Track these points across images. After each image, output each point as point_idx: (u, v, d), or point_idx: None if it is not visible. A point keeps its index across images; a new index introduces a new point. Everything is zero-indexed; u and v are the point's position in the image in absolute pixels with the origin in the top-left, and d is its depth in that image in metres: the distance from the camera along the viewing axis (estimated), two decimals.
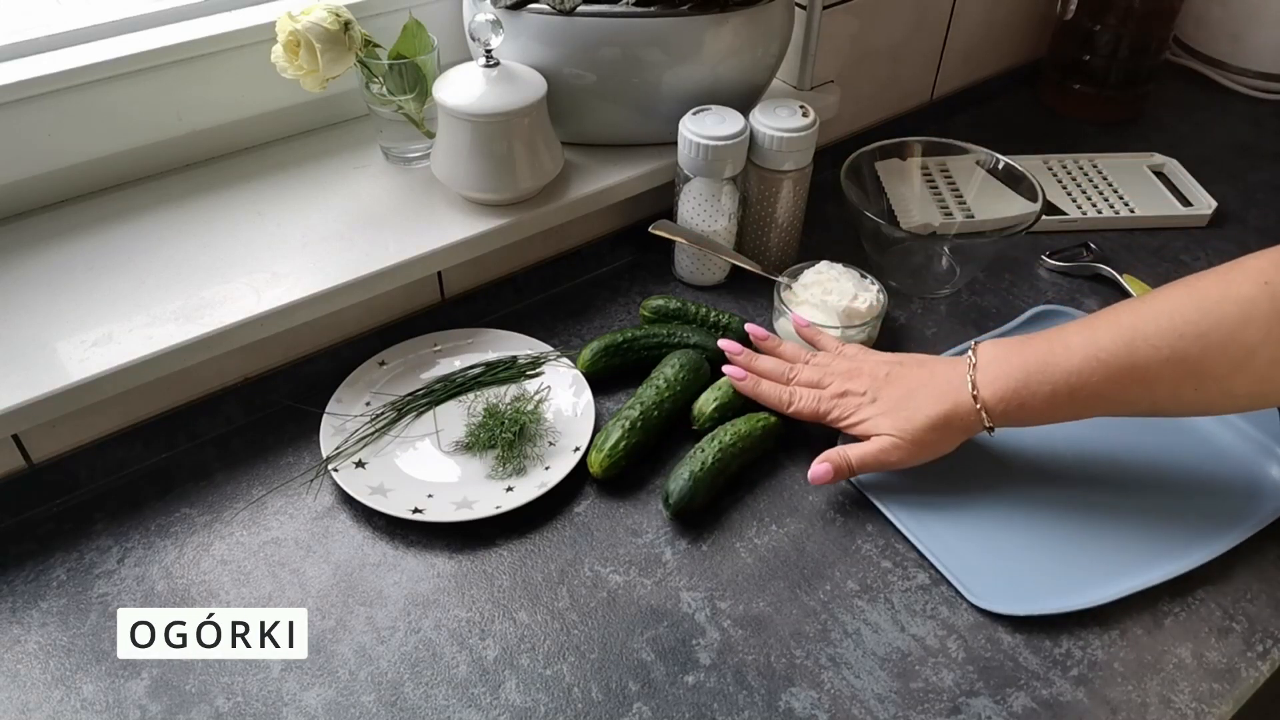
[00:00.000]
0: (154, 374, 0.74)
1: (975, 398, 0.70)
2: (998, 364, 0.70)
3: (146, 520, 0.75)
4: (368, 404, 0.82)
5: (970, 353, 0.73)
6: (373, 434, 0.79)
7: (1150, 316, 0.65)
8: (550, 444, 0.79)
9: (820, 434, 0.81)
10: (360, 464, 0.77)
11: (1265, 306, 0.61)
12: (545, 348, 0.87)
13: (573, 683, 0.65)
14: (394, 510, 0.73)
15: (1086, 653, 0.67)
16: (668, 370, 0.81)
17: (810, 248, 0.98)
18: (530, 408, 0.80)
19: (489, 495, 0.75)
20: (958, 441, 0.73)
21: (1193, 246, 1.04)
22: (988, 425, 0.71)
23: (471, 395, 0.83)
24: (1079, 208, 1.07)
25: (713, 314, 0.88)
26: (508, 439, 0.77)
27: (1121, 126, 1.24)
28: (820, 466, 0.73)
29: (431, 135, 0.90)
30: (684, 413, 0.81)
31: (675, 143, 0.89)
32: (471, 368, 0.85)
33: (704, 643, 0.67)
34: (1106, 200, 1.08)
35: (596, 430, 0.79)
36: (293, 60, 0.82)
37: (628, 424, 0.77)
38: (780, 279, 0.90)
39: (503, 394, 0.83)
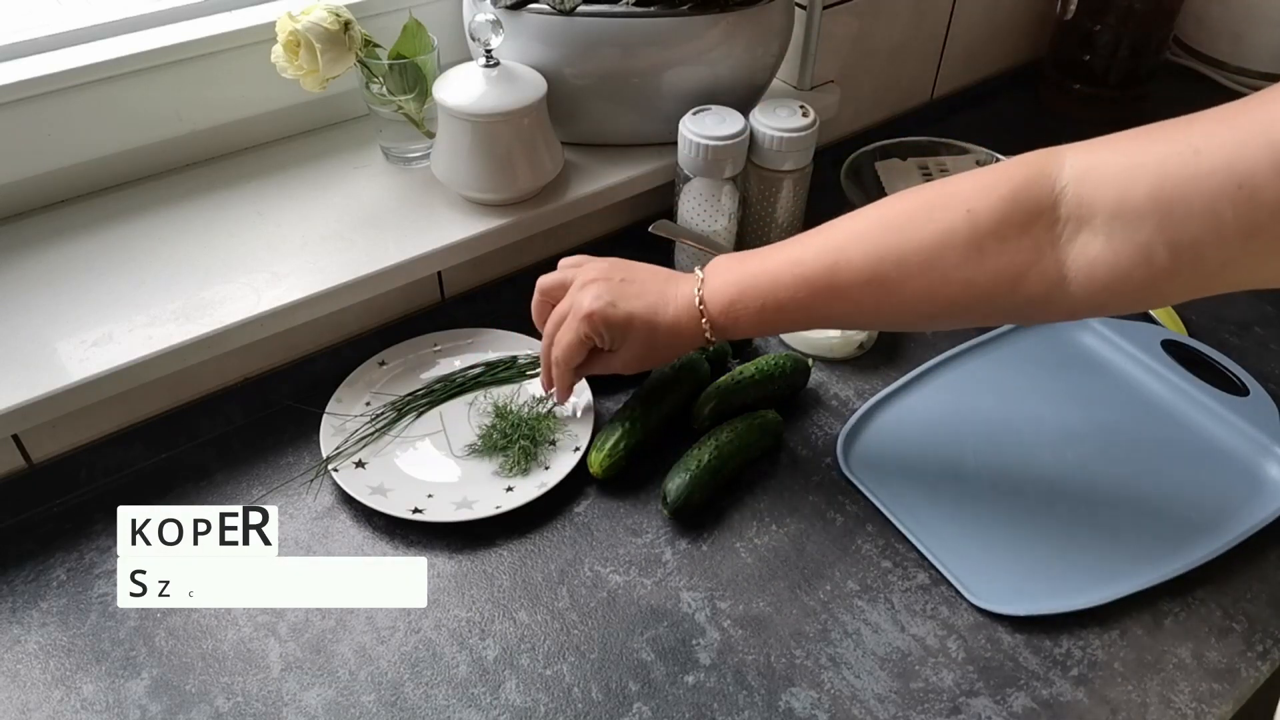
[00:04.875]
0: (154, 374, 0.74)
1: (702, 311, 0.70)
2: (719, 276, 0.71)
3: None
4: (368, 404, 0.82)
5: (699, 268, 0.73)
6: (373, 434, 0.79)
7: (855, 236, 0.66)
8: (550, 444, 0.79)
9: (821, 434, 0.81)
10: (360, 464, 0.77)
11: (964, 234, 0.61)
12: None
13: (573, 683, 0.65)
14: (394, 510, 0.73)
15: (1086, 653, 0.67)
16: (667, 370, 0.81)
17: None
18: (544, 412, 0.80)
19: (489, 495, 0.75)
20: (677, 350, 0.75)
21: None
22: (709, 337, 0.71)
23: (472, 396, 0.83)
24: None
25: None
26: (525, 447, 0.77)
27: (1121, 127, 1.24)
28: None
29: (431, 135, 0.90)
30: (684, 412, 0.81)
31: (675, 143, 0.89)
32: (472, 368, 0.85)
33: (704, 643, 0.67)
34: None
35: (596, 430, 0.79)
36: (293, 60, 0.82)
37: (628, 424, 0.77)
38: None
39: (512, 396, 0.82)
